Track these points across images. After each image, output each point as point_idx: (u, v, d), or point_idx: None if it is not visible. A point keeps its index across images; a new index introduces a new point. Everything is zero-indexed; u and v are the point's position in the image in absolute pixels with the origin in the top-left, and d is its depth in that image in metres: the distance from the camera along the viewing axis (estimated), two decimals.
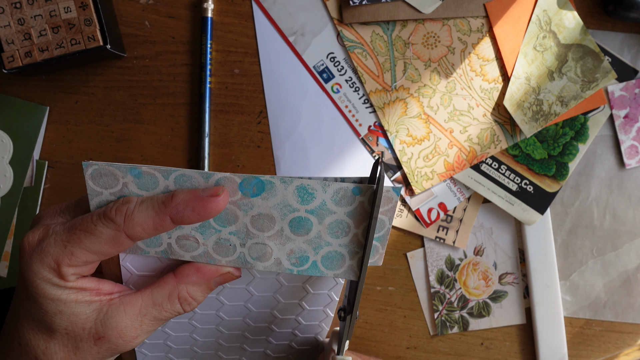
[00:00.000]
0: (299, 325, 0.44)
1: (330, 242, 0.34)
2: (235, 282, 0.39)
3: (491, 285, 0.53)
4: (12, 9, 0.45)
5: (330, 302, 0.42)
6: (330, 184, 0.32)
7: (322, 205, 0.33)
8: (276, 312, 0.42)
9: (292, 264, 0.35)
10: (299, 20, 0.50)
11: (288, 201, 0.33)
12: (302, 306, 0.42)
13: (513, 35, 0.50)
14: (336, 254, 0.35)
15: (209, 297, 0.40)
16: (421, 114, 0.51)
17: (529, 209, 0.51)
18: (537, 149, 0.51)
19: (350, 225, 0.34)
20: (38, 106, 0.51)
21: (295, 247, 0.34)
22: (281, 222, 0.33)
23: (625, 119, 0.51)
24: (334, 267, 0.35)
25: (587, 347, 0.53)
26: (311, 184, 0.32)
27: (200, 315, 0.42)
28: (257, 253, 0.34)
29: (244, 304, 0.41)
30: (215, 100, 0.51)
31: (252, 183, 0.32)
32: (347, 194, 0.33)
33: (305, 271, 0.35)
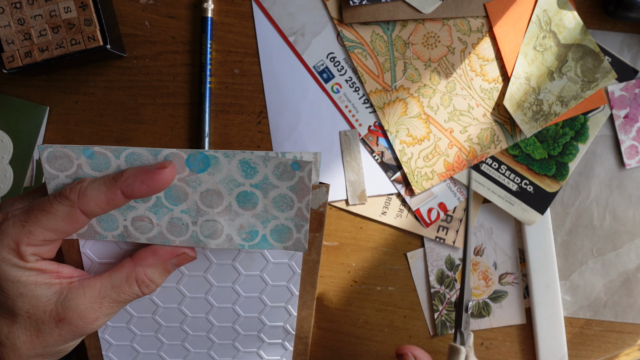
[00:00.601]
0: (264, 327, 0.45)
1: (277, 215, 0.36)
2: (194, 269, 0.40)
3: (491, 285, 0.53)
4: (12, 9, 0.45)
5: (292, 296, 0.43)
6: (271, 158, 0.34)
7: (265, 179, 0.34)
8: (238, 308, 0.43)
9: (242, 239, 0.36)
10: (299, 20, 0.50)
11: (233, 175, 0.34)
12: (264, 301, 0.43)
13: (513, 35, 0.50)
14: (284, 227, 0.36)
15: (170, 288, 0.41)
16: (421, 114, 0.51)
17: (529, 209, 0.51)
18: (537, 149, 0.51)
19: (293, 200, 0.35)
20: (38, 106, 0.51)
21: (244, 222, 0.36)
22: (229, 197, 0.35)
23: (625, 119, 0.51)
24: (283, 239, 0.36)
25: (587, 347, 0.53)
26: (252, 158, 0.34)
27: (163, 310, 0.43)
28: (209, 230, 0.36)
29: (205, 297, 0.42)
30: (215, 100, 0.51)
31: (198, 158, 0.34)
32: (287, 169, 0.34)
33: (256, 245, 0.36)
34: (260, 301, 0.43)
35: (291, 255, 0.40)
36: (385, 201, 0.52)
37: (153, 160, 0.34)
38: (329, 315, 0.53)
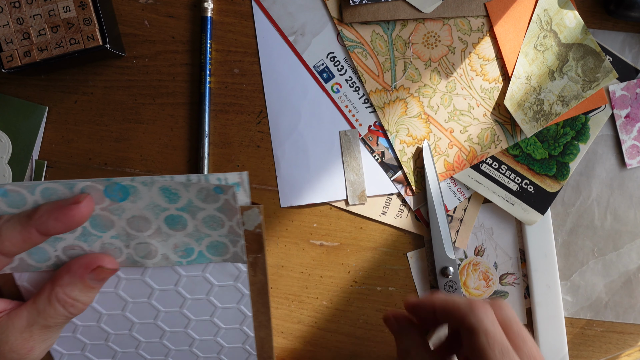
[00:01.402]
0: (222, 349, 0.44)
1: (209, 233, 0.35)
2: (136, 296, 0.39)
3: (492, 285, 0.53)
4: (10, 8, 0.45)
5: (245, 317, 0.42)
6: (192, 185, 0.33)
7: (190, 203, 0.34)
8: (191, 331, 0.42)
9: (179, 256, 0.36)
10: (299, 19, 0.50)
11: (156, 202, 0.34)
12: (216, 324, 0.42)
13: (514, 35, 0.50)
14: (219, 243, 0.36)
15: (116, 316, 0.41)
16: (421, 113, 0.51)
17: (529, 209, 0.51)
18: (538, 148, 0.51)
19: (223, 219, 0.35)
20: (37, 106, 0.51)
21: (177, 241, 0.36)
22: (157, 221, 0.34)
23: (627, 118, 0.51)
24: (220, 253, 0.36)
25: (588, 348, 0.53)
26: (172, 185, 0.33)
27: (115, 336, 0.42)
28: (143, 252, 0.36)
29: (154, 322, 0.41)
30: (215, 100, 0.51)
31: (116, 189, 0.33)
32: (210, 193, 0.34)
33: (194, 261, 0.36)
34: (213, 324, 0.42)
35: (236, 278, 0.39)
36: (385, 201, 0.52)
37: (69, 194, 0.33)
38: (328, 315, 0.53)
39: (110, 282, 0.39)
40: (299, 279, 0.53)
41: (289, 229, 0.52)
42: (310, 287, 0.53)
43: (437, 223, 0.50)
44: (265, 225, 0.52)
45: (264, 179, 0.52)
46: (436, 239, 0.50)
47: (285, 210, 0.52)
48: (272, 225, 0.52)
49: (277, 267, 0.53)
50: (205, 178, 0.34)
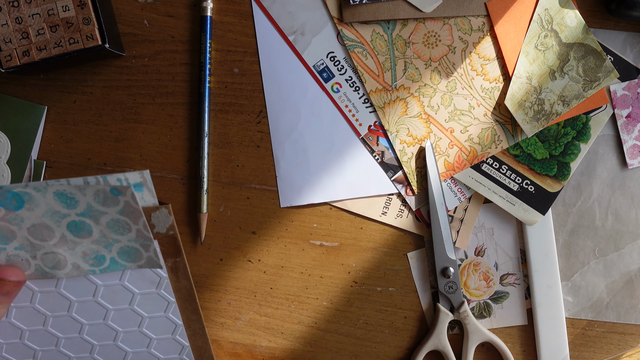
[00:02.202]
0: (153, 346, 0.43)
1: (117, 238, 0.34)
2: (55, 310, 0.38)
3: (492, 285, 0.53)
4: (9, 7, 0.45)
5: (176, 326, 0.41)
6: (88, 187, 0.32)
7: (90, 207, 0.33)
8: (121, 344, 0.41)
9: (91, 265, 0.35)
10: (299, 19, 0.50)
11: (54, 208, 0.32)
12: (146, 334, 0.41)
13: (514, 34, 0.49)
14: (130, 248, 0.35)
15: (39, 332, 0.39)
16: (421, 113, 0.50)
17: (530, 209, 0.51)
18: (539, 148, 0.51)
19: (128, 222, 0.34)
20: (36, 106, 0.51)
21: (85, 249, 0.34)
22: (59, 229, 0.33)
23: (628, 118, 0.51)
24: (134, 259, 0.35)
25: (589, 349, 0.53)
26: (67, 189, 0.32)
27: (42, 353, 0.40)
28: (52, 262, 0.34)
29: (79, 336, 0.40)
30: (214, 100, 0.51)
31: (8, 197, 0.32)
32: (108, 196, 0.32)
33: (108, 269, 0.35)
34: (143, 335, 0.41)
35: (157, 285, 0.38)
36: (385, 201, 0.51)
37: None
38: (329, 316, 0.53)
39: (25, 296, 0.37)
40: (299, 280, 0.53)
41: (288, 229, 0.52)
42: (310, 288, 0.53)
43: (439, 223, 0.50)
44: (265, 225, 0.52)
45: (263, 179, 0.52)
46: (437, 239, 0.50)
47: (285, 211, 0.52)
48: (272, 226, 0.52)
49: (277, 267, 0.53)
50: (103, 179, 0.32)
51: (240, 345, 0.54)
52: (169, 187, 0.52)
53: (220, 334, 0.53)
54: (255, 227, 0.52)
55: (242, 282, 0.53)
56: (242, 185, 0.52)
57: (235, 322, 0.53)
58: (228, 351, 0.54)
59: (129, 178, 0.32)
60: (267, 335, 0.53)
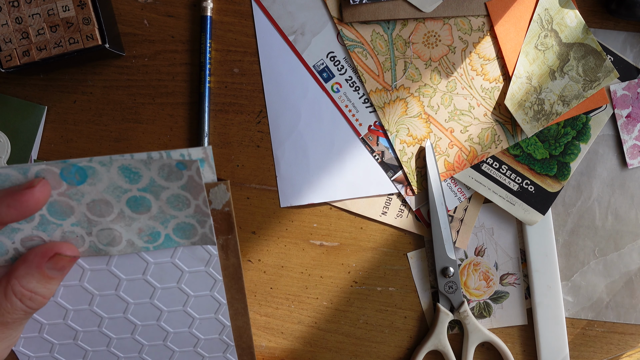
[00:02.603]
0: (199, 341, 0.42)
1: (175, 214, 0.34)
2: (103, 288, 0.37)
3: (492, 285, 0.53)
4: (9, 7, 0.45)
5: (219, 306, 0.40)
6: (152, 161, 0.32)
7: (152, 182, 0.32)
8: (164, 324, 0.40)
9: (145, 242, 0.34)
10: (299, 19, 0.50)
11: (117, 183, 0.32)
12: (190, 314, 0.40)
13: (514, 34, 0.49)
14: (186, 224, 0.34)
15: (83, 311, 0.38)
16: (421, 113, 0.50)
17: (530, 209, 0.51)
18: (539, 148, 0.51)
19: (188, 198, 0.33)
20: (36, 106, 0.51)
21: (142, 225, 0.34)
22: (119, 205, 0.33)
23: (628, 118, 0.51)
24: (188, 236, 0.35)
25: (589, 349, 0.53)
26: (132, 163, 0.31)
27: (84, 334, 0.40)
28: (107, 239, 0.34)
29: (124, 316, 0.39)
30: (214, 100, 0.51)
31: (72, 171, 0.31)
32: (173, 170, 0.32)
33: (161, 245, 0.35)
34: (187, 314, 0.40)
35: (207, 262, 0.37)
36: (385, 201, 0.51)
37: (23, 180, 0.31)
38: (329, 315, 0.53)
39: (74, 274, 0.36)
40: (299, 279, 0.53)
41: (289, 229, 0.52)
42: (310, 288, 0.53)
43: (439, 223, 0.50)
44: (265, 225, 0.52)
45: (263, 179, 0.52)
46: (437, 238, 0.50)
47: (285, 210, 0.52)
48: (272, 225, 0.52)
49: (277, 267, 0.53)
50: (167, 154, 0.32)
51: None
52: None
53: None
54: (255, 227, 0.52)
55: None
56: (242, 185, 0.52)
57: None
58: None
59: (192, 153, 0.32)
60: (267, 335, 0.53)
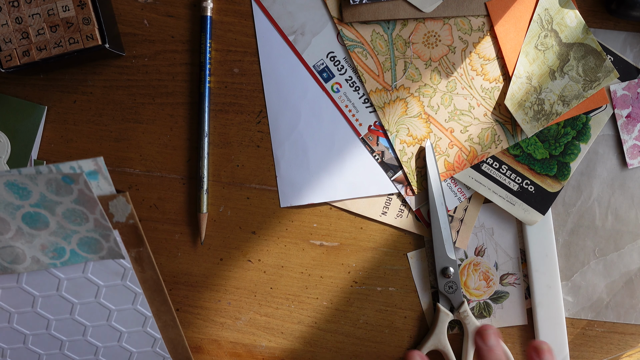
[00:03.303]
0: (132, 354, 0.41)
1: (76, 229, 0.33)
2: (19, 306, 0.37)
3: (492, 285, 0.53)
4: (9, 7, 0.45)
5: (146, 318, 0.39)
6: (39, 176, 0.31)
7: (44, 197, 0.31)
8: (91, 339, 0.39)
9: (51, 258, 0.34)
10: (299, 19, 0.50)
11: (7, 199, 0.31)
12: (116, 328, 0.39)
13: (514, 34, 0.49)
14: (89, 239, 0.33)
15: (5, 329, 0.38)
16: (421, 113, 0.50)
17: (530, 209, 0.51)
18: (539, 148, 0.51)
19: (85, 212, 0.32)
20: (36, 106, 0.51)
21: (44, 241, 0.33)
22: (15, 222, 0.32)
23: (628, 118, 0.51)
24: (95, 250, 0.34)
25: (589, 349, 0.53)
26: (19, 179, 0.31)
27: (10, 351, 0.39)
28: (10, 257, 0.33)
29: (47, 332, 0.38)
30: (214, 100, 0.51)
31: None
32: (61, 184, 0.31)
33: (69, 261, 0.34)
34: (113, 328, 0.40)
35: (122, 276, 0.36)
36: (385, 201, 0.51)
37: None
38: (329, 316, 0.53)
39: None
40: (299, 279, 0.53)
41: (288, 229, 0.52)
42: (310, 288, 0.53)
43: (439, 223, 0.50)
44: (265, 225, 0.52)
45: (263, 179, 0.52)
46: (437, 239, 0.50)
47: (285, 210, 0.52)
48: (272, 225, 0.52)
49: (277, 267, 0.53)
50: (56, 168, 0.31)
51: (240, 345, 0.54)
52: (169, 187, 0.52)
53: (220, 334, 0.53)
54: (255, 227, 0.52)
55: (242, 282, 0.53)
56: (242, 185, 0.52)
57: (235, 322, 0.53)
58: (228, 351, 0.54)
59: (82, 166, 0.31)
60: (267, 335, 0.53)
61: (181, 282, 0.52)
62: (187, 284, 0.53)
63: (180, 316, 0.53)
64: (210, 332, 0.53)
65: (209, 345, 0.53)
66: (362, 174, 0.51)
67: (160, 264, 0.52)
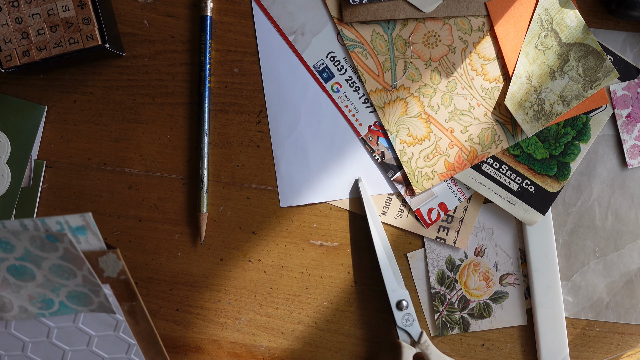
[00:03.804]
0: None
1: (64, 283, 0.32)
2: (9, 349, 0.36)
3: (492, 286, 0.53)
4: (9, 7, 0.45)
5: (129, 346, 0.39)
6: (22, 233, 0.30)
7: (28, 252, 0.31)
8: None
9: (39, 308, 0.33)
10: (299, 19, 0.50)
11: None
12: (97, 354, 0.39)
13: (514, 34, 0.49)
14: (78, 293, 0.33)
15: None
16: (422, 113, 0.50)
17: (530, 209, 0.51)
18: (539, 148, 0.51)
19: (72, 268, 0.32)
20: (36, 106, 0.51)
21: (31, 292, 0.32)
22: (0, 272, 0.31)
23: (628, 118, 0.51)
24: (85, 303, 0.33)
25: (589, 349, 0.53)
26: (1, 233, 0.30)
27: None
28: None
29: (23, 354, 0.38)
30: (214, 100, 0.51)
31: None
32: (45, 242, 0.30)
33: (58, 312, 0.33)
34: None
35: (115, 327, 0.36)
36: (385, 201, 0.51)
37: None
38: (329, 316, 0.53)
39: None
40: (299, 279, 0.53)
41: (288, 229, 0.52)
42: (310, 288, 0.53)
43: (385, 259, 0.50)
44: (265, 225, 0.52)
45: (263, 179, 0.52)
46: (387, 275, 0.50)
47: (285, 210, 0.52)
48: (272, 225, 0.52)
49: (277, 267, 0.53)
50: (42, 222, 0.30)
51: (240, 345, 0.54)
52: (169, 187, 0.52)
53: (220, 334, 0.53)
54: (255, 227, 0.52)
55: (242, 282, 0.53)
56: (242, 185, 0.52)
57: (235, 322, 0.53)
58: (228, 351, 0.54)
59: (69, 221, 0.30)
60: (267, 335, 0.53)
61: (181, 282, 0.52)
62: (187, 284, 0.53)
63: (180, 316, 0.53)
64: (210, 332, 0.53)
65: (209, 345, 0.53)
66: (362, 174, 0.51)
67: (160, 264, 0.52)
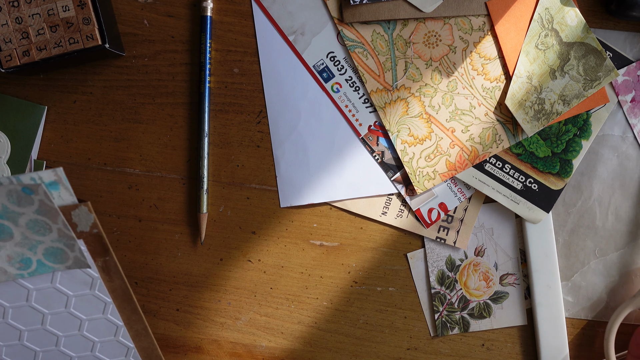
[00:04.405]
0: (98, 349, 0.42)
1: (40, 240, 0.33)
2: None
3: (492, 286, 0.53)
4: (9, 7, 0.45)
5: (117, 328, 0.40)
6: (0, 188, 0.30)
7: (5, 208, 0.31)
8: (65, 349, 0.40)
9: (18, 269, 0.33)
10: (299, 19, 0.50)
11: None
12: (88, 338, 0.39)
13: (515, 34, 0.49)
14: (54, 249, 0.33)
15: None
16: (422, 113, 0.50)
17: (534, 208, 0.51)
18: (541, 146, 0.50)
19: (48, 222, 0.32)
20: (36, 106, 0.51)
21: (10, 252, 0.33)
22: None
23: (633, 102, 0.50)
24: (61, 260, 0.34)
25: (589, 349, 0.53)
26: None
27: None
28: None
29: (20, 343, 0.39)
30: (214, 100, 0.51)
31: None
32: (21, 195, 0.31)
33: (36, 272, 0.34)
34: (85, 338, 0.40)
35: (91, 285, 0.36)
36: (385, 201, 0.51)
37: None
38: (329, 316, 0.53)
39: None
40: (299, 280, 0.53)
41: (288, 229, 0.52)
42: (310, 288, 0.53)
43: None
44: (265, 225, 0.52)
45: (263, 179, 0.52)
46: None
47: (285, 210, 0.52)
48: (272, 226, 0.52)
49: (277, 267, 0.53)
50: (16, 179, 0.31)
51: (240, 345, 0.54)
52: (169, 187, 0.52)
53: (220, 334, 0.53)
54: (255, 227, 0.52)
55: (242, 282, 0.53)
56: (242, 185, 0.52)
57: (235, 322, 0.53)
58: (228, 351, 0.54)
59: (42, 177, 0.31)
60: (267, 335, 0.54)
61: (181, 282, 0.52)
62: (187, 284, 0.53)
63: (180, 316, 0.53)
64: (210, 332, 0.53)
65: (209, 345, 0.54)
66: (362, 174, 0.51)
67: (160, 264, 0.52)
